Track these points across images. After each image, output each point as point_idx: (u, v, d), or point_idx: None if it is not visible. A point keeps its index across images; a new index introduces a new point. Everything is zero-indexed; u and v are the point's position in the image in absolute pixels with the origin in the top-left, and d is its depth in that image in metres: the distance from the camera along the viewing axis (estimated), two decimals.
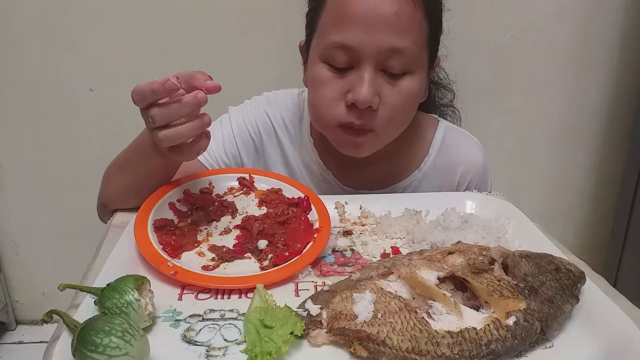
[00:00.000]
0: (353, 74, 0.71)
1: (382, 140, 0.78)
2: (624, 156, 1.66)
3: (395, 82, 0.72)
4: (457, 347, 0.45)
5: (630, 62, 1.58)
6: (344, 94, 0.72)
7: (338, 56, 0.71)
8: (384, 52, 0.70)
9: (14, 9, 1.39)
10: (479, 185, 0.90)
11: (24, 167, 1.58)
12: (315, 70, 0.75)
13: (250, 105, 0.91)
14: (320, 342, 0.48)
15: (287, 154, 0.89)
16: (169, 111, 0.60)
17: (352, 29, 0.69)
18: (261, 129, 0.89)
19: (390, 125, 0.76)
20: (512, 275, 0.53)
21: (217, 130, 0.88)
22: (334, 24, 0.71)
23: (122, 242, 0.63)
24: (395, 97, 0.73)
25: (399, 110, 0.75)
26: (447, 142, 0.89)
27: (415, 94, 0.75)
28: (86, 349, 0.41)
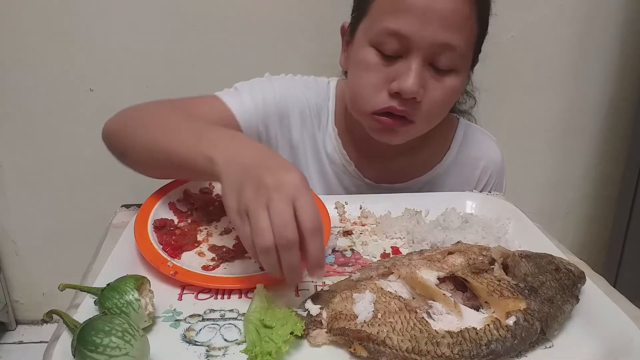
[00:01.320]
0: (401, 63, 0.71)
1: (417, 132, 0.78)
2: (624, 156, 1.65)
3: (441, 77, 0.73)
4: (457, 347, 0.45)
5: (630, 62, 1.58)
6: (388, 82, 0.72)
7: (389, 43, 0.70)
8: (436, 46, 0.69)
9: (14, 9, 1.39)
10: (497, 183, 0.92)
11: (24, 167, 1.58)
12: (361, 54, 0.74)
13: (292, 81, 0.88)
14: (320, 342, 0.48)
15: (317, 140, 0.88)
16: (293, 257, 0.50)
17: (408, 18, 0.68)
18: (297, 109, 0.86)
19: (428, 119, 0.76)
20: (512, 275, 0.53)
21: (258, 85, 0.85)
22: (390, 11, 0.70)
23: (122, 242, 0.63)
24: (438, 92, 0.73)
25: (440, 106, 0.75)
26: (469, 138, 0.91)
27: (457, 92, 0.76)
28: (86, 349, 0.41)
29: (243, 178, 0.51)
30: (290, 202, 0.48)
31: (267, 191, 0.48)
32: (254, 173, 0.50)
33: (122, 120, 0.74)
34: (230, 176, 0.53)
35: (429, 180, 0.89)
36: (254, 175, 0.50)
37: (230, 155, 0.55)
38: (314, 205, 0.49)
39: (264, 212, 0.48)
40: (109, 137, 0.75)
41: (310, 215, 0.48)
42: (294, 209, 0.48)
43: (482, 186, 0.91)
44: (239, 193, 0.50)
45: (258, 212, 0.48)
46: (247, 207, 0.49)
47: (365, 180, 0.88)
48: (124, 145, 0.71)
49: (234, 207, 0.51)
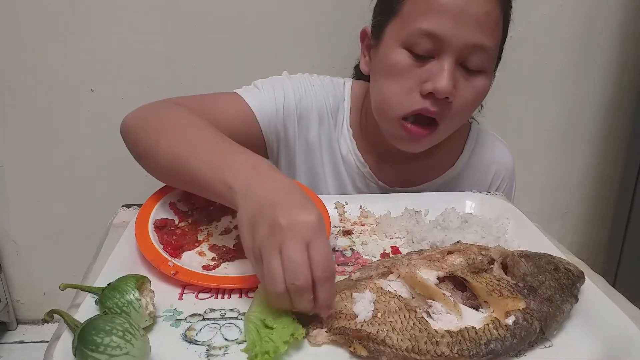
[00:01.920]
0: (433, 63, 0.71)
1: (440, 137, 0.78)
2: (624, 156, 1.66)
3: (471, 78, 0.73)
4: (456, 347, 0.45)
5: (630, 62, 1.58)
6: (420, 84, 0.72)
7: (422, 43, 0.70)
8: (469, 47, 0.70)
9: (15, 9, 1.39)
10: (507, 188, 0.93)
11: (24, 167, 1.58)
12: (392, 56, 0.73)
13: (312, 81, 0.88)
14: (320, 342, 0.48)
15: (333, 141, 0.88)
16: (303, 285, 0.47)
17: (442, 18, 0.69)
18: (316, 109, 0.86)
19: (454, 120, 0.76)
20: (512, 275, 0.53)
21: (278, 83, 0.85)
22: (424, 11, 0.70)
23: (123, 241, 0.63)
24: (468, 93, 0.73)
25: (468, 106, 0.76)
26: (481, 142, 0.91)
27: (484, 93, 0.76)
28: (87, 349, 0.41)
29: (258, 214, 0.49)
30: (304, 245, 0.47)
31: (281, 233, 0.47)
32: (270, 211, 0.48)
33: (143, 121, 0.71)
34: (247, 209, 0.51)
35: (441, 183, 0.89)
36: (269, 214, 0.48)
37: (249, 186, 0.53)
38: (328, 248, 0.48)
39: (275, 256, 0.47)
40: (128, 135, 0.72)
41: (323, 262, 0.47)
42: (307, 251, 0.47)
43: (494, 189, 0.91)
44: (254, 230, 0.49)
45: (271, 256, 0.47)
46: (261, 248, 0.48)
47: (379, 183, 0.88)
48: (142, 148, 0.68)
49: (250, 245, 0.50)
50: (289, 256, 0.46)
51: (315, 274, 0.46)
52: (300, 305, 0.47)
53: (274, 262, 0.46)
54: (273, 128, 0.83)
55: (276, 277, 0.46)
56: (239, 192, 0.53)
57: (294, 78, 0.87)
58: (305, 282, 0.46)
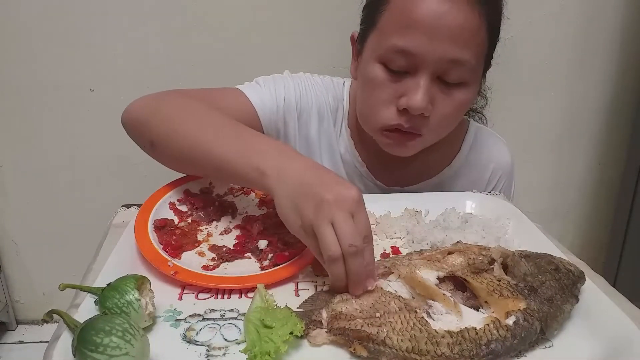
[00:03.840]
0: (409, 80, 0.71)
1: (426, 143, 0.79)
2: (624, 156, 1.65)
3: (450, 91, 0.72)
4: (456, 347, 0.45)
5: (630, 63, 1.58)
6: (396, 98, 0.72)
7: (397, 60, 0.70)
8: (444, 62, 0.69)
9: (15, 9, 1.39)
10: (506, 187, 0.92)
11: (24, 167, 1.58)
12: (370, 70, 0.74)
13: (313, 80, 0.89)
14: (320, 342, 0.48)
15: (330, 137, 0.89)
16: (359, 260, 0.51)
17: (415, 35, 0.68)
18: (316, 107, 0.87)
19: (437, 132, 0.77)
20: (512, 275, 0.53)
21: (279, 80, 0.86)
22: (398, 28, 0.70)
23: (123, 242, 0.63)
24: (447, 107, 0.73)
25: (449, 119, 0.76)
26: (479, 141, 0.91)
27: (467, 104, 0.76)
28: (87, 349, 0.41)
29: (300, 194, 0.53)
30: (350, 215, 0.51)
31: (329, 207, 0.51)
32: (312, 190, 0.53)
33: (154, 109, 0.70)
34: (285, 191, 0.55)
35: (439, 182, 0.89)
36: (313, 192, 0.52)
37: (280, 169, 0.56)
38: (368, 218, 0.53)
39: (329, 227, 0.51)
40: (135, 125, 0.72)
41: (367, 229, 0.52)
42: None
43: (492, 189, 0.91)
44: (300, 209, 0.53)
45: (324, 228, 0.51)
46: (312, 223, 0.52)
47: (376, 182, 0.89)
48: (156, 135, 0.68)
49: (298, 223, 0.54)
50: (341, 225, 0.50)
51: (363, 234, 0.51)
52: (356, 268, 0.50)
53: (328, 232, 0.50)
54: (274, 124, 0.84)
55: (332, 243, 0.50)
56: (271, 175, 0.56)
57: (295, 76, 0.88)
58: (359, 243, 0.50)
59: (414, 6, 0.68)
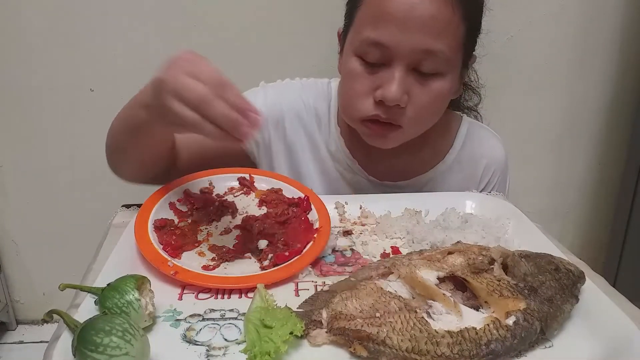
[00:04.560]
0: (384, 71, 0.72)
1: (408, 135, 0.79)
2: (624, 156, 1.66)
3: (426, 82, 0.73)
4: (456, 347, 0.45)
5: (630, 63, 1.58)
6: (373, 90, 0.73)
7: (371, 52, 0.72)
8: (418, 53, 0.70)
9: (15, 9, 1.39)
10: (500, 181, 0.92)
11: (24, 167, 1.58)
12: (348, 63, 0.76)
13: (286, 86, 0.92)
14: (320, 342, 0.48)
15: (316, 140, 0.90)
16: (212, 107, 0.53)
17: (387, 27, 0.69)
18: (293, 112, 0.89)
19: (417, 123, 0.77)
20: (512, 275, 0.53)
21: (251, 98, 0.88)
22: (371, 21, 0.71)
23: (123, 242, 0.63)
24: (424, 97, 0.74)
25: (427, 110, 0.76)
26: (472, 136, 0.91)
27: (445, 95, 0.76)
28: (86, 349, 0.41)
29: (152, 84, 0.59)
30: (185, 73, 0.54)
31: (164, 83, 0.55)
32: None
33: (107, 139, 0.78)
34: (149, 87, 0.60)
35: (431, 177, 0.89)
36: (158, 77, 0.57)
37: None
38: (211, 67, 0.56)
39: (172, 100, 0.54)
40: (107, 159, 0.79)
41: (209, 73, 0.55)
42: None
43: (485, 184, 0.91)
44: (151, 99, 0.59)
45: (167, 103, 0.54)
46: (159, 106, 0.56)
47: (369, 177, 0.89)
48: (109, 153, 0.77)
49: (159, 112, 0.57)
50: (176, 86, 0.53)
51: (209, 83, 0.53)
52: (218, 112, 0.52)
53: (173, 104, 0.54)
54: (262, 134, 0.87)
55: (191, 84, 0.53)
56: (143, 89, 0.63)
57: (268, 87, 0.91)
58: (201, 89, 0.53)
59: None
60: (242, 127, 0.53)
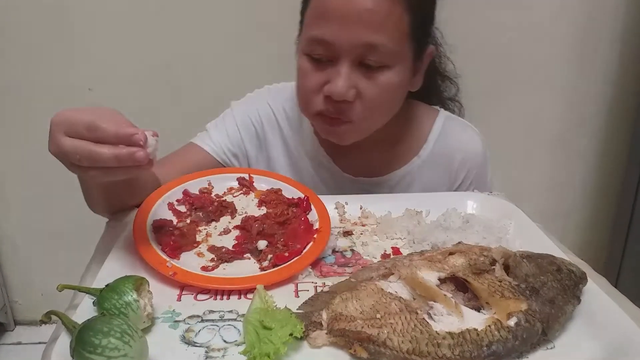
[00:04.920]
0: (332, 67, 0.73)
1: (362, 130, 0.79)
2: (625, 156, 1.65)
3: (373, 75, 0.74)
4: (458, 348, 0.45)
5: (631, 62, 1.58)
6: (322, 85, 0.75)
7: (317, 50, 0.73)
8: (360, 47, 0.71)
9: (14, 8, 1.39)
10: (477, 176, 0.90)
11: (23, 167, 1.58)
12: (299, 62, 0.78)
13: (253, 97, 0.94)
14: (320, 344, 0.48)
15: (289, 142, 0.91)
16: (99, 155, 0.53)
17: (328, 24, 0.71)
18: (263, 118, 0.91)
19: (368, 117, 0.77)
20: (514, 276, 0.53)
21: (220, 122, 0.91)
22: (314, 19, 0.73)
23: (121, 242, 0.63)
24: (371, 91, 0.74)
25: (377, 103, 0.76)
26: (446, 130, 0.90)
27: (394, 87, 0.76)
28: (85, 350, 0.41)
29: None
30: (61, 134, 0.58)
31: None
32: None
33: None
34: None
35: (407, 173, 0.89)
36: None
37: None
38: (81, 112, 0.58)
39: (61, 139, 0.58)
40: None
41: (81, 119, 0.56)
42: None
43: (461, 179, 0.90)
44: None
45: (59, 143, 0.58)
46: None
47: (344, 174, 0.89)
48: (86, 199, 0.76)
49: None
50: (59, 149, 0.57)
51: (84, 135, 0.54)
52: (104, 157, 0.53)
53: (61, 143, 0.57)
54: (233, 157, 0.90)
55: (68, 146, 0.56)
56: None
57: (235, 105, 0.93)
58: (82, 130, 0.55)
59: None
60: (133, 155, 0.52)
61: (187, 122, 0.95)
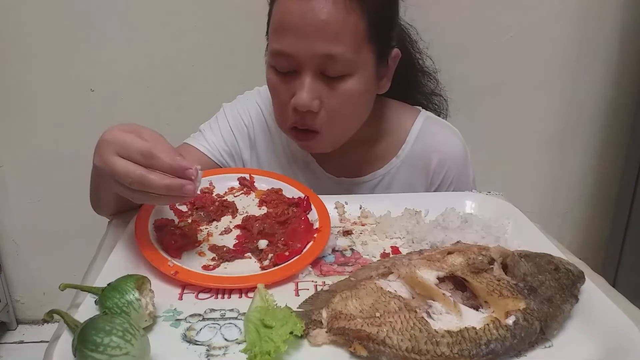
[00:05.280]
0: (295, 79, 0.74)
1: (333, 139, 0.80)
2: (623, 156, 1.66)
3: (334, 85, 0.74)
4: (456, 347, 0.45)
5: (630, 63, 1.58)
6: (289, 98, 0.75)
7: (280, 62, 0.74)
8: (318, 58, 0.71)
9: (15, 9, 1.39)
10: (458, 177, 0.90)
11: (24, 167, 1.58)
12: (267, 74, 0.78)
13: (243, 98, 0.95)
14: (320, 342, 0.48)
15: (276, 142, 0.92)
16: (151, 183, 0.54)
17: (286, 37, 0.72)
18: (253, 118, 0.93)
19: (334, 126, 0.78)
20: (512, 275, 0.53)
21: (214, 123, 0.92)
22: (274, 32, 0.74)
23: (123, 241, 0.63)
24: (335, 100, 0.75)
25: (342, 112, 0.77)
26: (425, 130, 0.90)
27: (358, 95, 0.76)
28: (87, 349, 0.41)
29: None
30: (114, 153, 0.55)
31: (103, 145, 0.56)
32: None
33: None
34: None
35: (387, 173, 0.89)
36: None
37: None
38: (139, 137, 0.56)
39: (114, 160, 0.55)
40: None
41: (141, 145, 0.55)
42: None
43: (440, 180, 0.89)
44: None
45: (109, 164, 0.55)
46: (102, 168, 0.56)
47: (326, 174, 0.90)
48: (95, 203, 0.76)
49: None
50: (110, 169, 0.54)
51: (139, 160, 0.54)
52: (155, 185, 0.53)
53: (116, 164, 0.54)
54: (227, 158, 0.90)
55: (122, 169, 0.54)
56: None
57: (227, 108, 0.94)
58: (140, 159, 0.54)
59: (283, 10, 0.72)
60: (184, 187, 0.55)
61: (188, 122, 0.96)
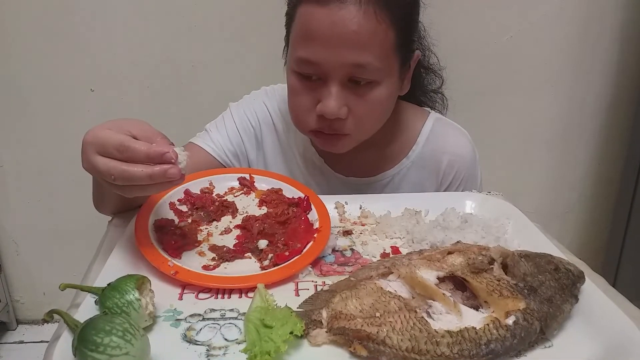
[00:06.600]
0: (322, 86, 0.74)
1: (358, 139, 0.80)
2: (623, 156, 1.66)
3: (362, 92, 0.74)
4: (456, 347, 0.45)
5: (630, 63, 1.59)
6: (315, 104, 0.75)
7: (306, 69, 0.74)
8: (347, 67, 0.71)
9: (16, 9, 1.39)
10: (467, 178, 0.90)
11: (24, 167, 1.58)
12: (289, 79, 0.78)
13: (250, 98, 0.95)
14: (320, 342, 0.48)
15: (283, 142, 0.92)
16: (133, 175, 0.53)
17: (314, 45, 0.71)
18: (260, 119, 0.92)
19: (362, 129, 0.78)
20: (512, 275, 0.53)
21: (220, 123, 0.92)
22: (300, 40, 0.73)
23: (123, 241, 0.63)
24: (362, 107, 0.75)
25: (369, 117, 0.77)
26: (435, 132, 0.90)
27: (384, 100, 0.77)
28: (87, 349, 0.41)
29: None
30: (94, 153, 0.58)
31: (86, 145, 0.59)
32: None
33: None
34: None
35: (396, 174, 0.90)
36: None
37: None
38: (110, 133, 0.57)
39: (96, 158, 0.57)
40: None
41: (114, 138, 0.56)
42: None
43: (449, 181, 0.90)
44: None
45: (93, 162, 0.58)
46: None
47: (336, 175, 0.90)
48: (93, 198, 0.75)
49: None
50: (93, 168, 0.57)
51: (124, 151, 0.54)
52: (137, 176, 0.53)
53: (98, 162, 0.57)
54: (232, 158, 0.90)
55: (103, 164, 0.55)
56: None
57: (234, 107, 0.94)
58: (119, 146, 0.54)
59: (311, 18, 0.71)
60: (167, 172, 0.53)
61: (189, 123, 0.96)
